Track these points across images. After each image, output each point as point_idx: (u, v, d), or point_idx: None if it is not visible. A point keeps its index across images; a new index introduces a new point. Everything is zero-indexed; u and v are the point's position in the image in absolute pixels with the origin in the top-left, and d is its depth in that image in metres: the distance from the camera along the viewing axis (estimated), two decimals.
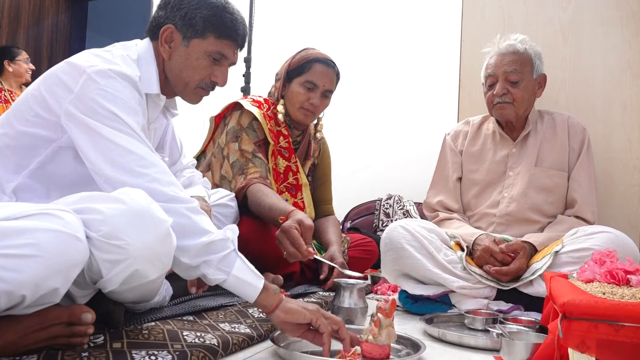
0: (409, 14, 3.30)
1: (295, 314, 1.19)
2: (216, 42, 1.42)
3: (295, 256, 1.59)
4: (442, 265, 1.85)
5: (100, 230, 1.01)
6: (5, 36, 4.53)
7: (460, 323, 1.66)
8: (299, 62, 2.10)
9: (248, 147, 2.02)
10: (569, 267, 1.69)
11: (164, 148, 1.69)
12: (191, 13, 1.40)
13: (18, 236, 0.92)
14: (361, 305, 1.58)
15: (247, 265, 1.21)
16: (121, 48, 1.39)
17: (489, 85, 2.04)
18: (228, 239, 1.20)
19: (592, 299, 1.16)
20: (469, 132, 2.18)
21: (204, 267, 1.17)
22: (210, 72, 1.45)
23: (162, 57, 1.44)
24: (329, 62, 2.10)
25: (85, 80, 1.22)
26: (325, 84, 2.08)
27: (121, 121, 1.21)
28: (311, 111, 2.10)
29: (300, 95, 2.07)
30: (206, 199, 1.71)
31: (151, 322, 1.28)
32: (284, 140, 2.14)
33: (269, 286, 1.21)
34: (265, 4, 3.52)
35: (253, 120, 2.06)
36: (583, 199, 1.98)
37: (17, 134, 1.27)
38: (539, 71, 2.02)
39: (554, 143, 2.05)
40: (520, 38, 2.02)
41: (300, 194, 2.17)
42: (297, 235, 1.59)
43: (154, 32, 1.44)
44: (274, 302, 1.20)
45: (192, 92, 1.47)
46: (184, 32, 1.41)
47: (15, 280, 0.90)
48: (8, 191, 1.26)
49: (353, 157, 3.35)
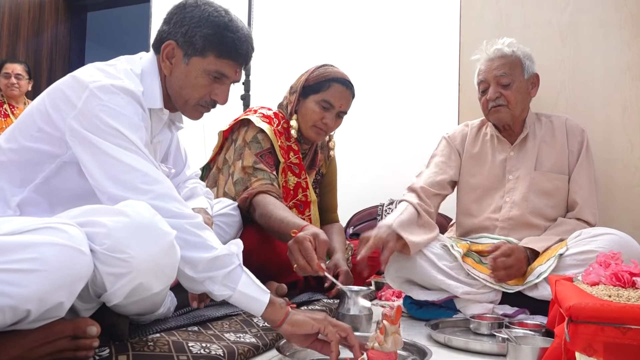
0: (407, 18, 3.31)
1: (303, 325, 1.19)
2: (216, 61, 1.40)
3: (305, 270, 1.55)
4: (445, 272, 1.85)
5: (104, 244, 1.00)
6: (5, 49, 4.54)
7: (465, 328, 1.66)
8: (317, 79, 2.06)
9: (249, 160, 1.99)
10: (573, 269, 1.68)
11: (168, 159, 1.69)
12: (192, 31, 1.39)
13: (22, 251, 0.92)
14: (366, 312, 1.57)
15: (253, 280, 1.21)
16: (125, 62, 1.39)
17: (482, 91, 2.05)
18: (233, 254, 1.20)
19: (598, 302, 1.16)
20: (468, 134, 2.17)
21: (209, 283, 1.17)
22: (210, 91, 1.44)
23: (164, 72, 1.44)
24: (348, 83, 2.07)
25: (88, 95, 1.22)
26: (342, 105, 2.06)
27: (124, 138, 1.21)
28: (323, 130, 2.08)
29: (315, 113, 2.05)
30: (208, 211, 1.71)
31: (156, 334, 1.27)
32: (294, 155, 2.12)
33: (275, 300, 1.21)
34: (264, 10, 3.53)
35: (258, 133, 2.03)
36: (583, 200, 1.98)
37: (22, 149, 1.27)
38: (530, 71, 2.02)
39: (552, 146, 2.05)
40: (507, 41, 2.03)
41: (308, 210, 2.15)
42: (310, 248, 1.55)
43: (158, 46, 1.44)
44: (281, 315, 1.20)
45: (192, 110, 1.47)
46: (184, 49, 1.40)
47: (20, 295, 0.90)
48: (13, 205, 1.26)
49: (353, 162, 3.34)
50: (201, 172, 2.20)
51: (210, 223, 1.67)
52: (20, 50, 4.64)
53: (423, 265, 1.85)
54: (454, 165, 2.13)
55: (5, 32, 4.54)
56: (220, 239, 1.79)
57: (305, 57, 2.22)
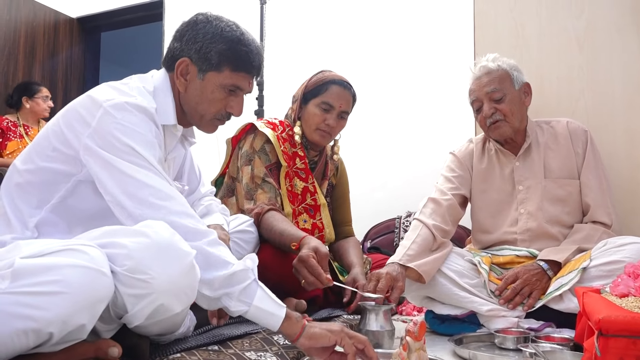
0: (421, 29, 3.31)
1: (320, 338, 1.18)
2: (232, 75, 1.42)
3: (315, 285, 1.62)
4: (468, 289, 1.82)
5: (125, 265, 1.00)
6: (22, 70, 4.61)
7: (490, 343, 1.63)
8: (316, 84, 2.11)
9: (260, 171, 2.03)
10: (599, 281, 1.64)
11: (183, 177, 1.69)
12: (206, 47, 1.40)
13: (44, 273, 0.92)
14: (388, 327, 1.55)
15: (268, 295, 1.20)
16: (138, 80, 1.40)
17: (477, 110, 2.03)
18: (248, 269, 1.20)
19: (630, 315, 1.12)
20: (474, 151, 2.14)
21: (226, 299, 1.17)
22: (226, 104, 1.45)
23: (177, 89, 1.45)
24: (345, 84, 2.11)
25: (103, 114, 1.23)
26: (342, 105, 2.08)
27: (138, 155, 1.22)
28: (327, 132, 2.10)
29: (316, 116, 2.08)
30: (225, 227, 1.70)
31: (177, 354, 1.26)
32: (301, 161, 2.14)
33: (291, 314, 1.20)
34: (275, 26, 3.55)
35: (265, 143, 2.07)
36: (595, 202, 1.93)
37: (38, 170, 1.28)
38: (519, 81, 2.00)
39: (558, 151, 2.01)
40: (491, 57, 2.01)
41: (318, 214, 2.16)
42: (316, 264, 1.62)
43: (170, 63, 1.45)
44: (297, 329, 1.19)
45: (208, 124, 1.48)
46: (199, 66, 1.41)
47: (42, 318, 0.90)
48: (31, 226, 1.26)
49: (370, 175, 3.33)
50: (214, 186, 2.21)
51: (227, 240, 1.67)
52: (36, 71, 4.71)
53: (444, 284, 1.82)
54: (466, 182, 2.10)
55: (22, 54, 4.62)
56: (238, 255, 1.79)
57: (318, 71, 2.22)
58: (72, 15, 4.98)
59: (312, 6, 3.66)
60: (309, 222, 2.12)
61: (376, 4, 3.47)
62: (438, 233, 1.91)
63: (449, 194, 2.03)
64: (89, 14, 4.92)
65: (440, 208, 1.99)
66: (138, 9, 4.66)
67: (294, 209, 2.08)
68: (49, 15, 4.82)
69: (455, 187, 2.07)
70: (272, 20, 3.45)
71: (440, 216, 1.97)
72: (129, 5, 4.66)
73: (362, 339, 1.20)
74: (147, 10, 4.58)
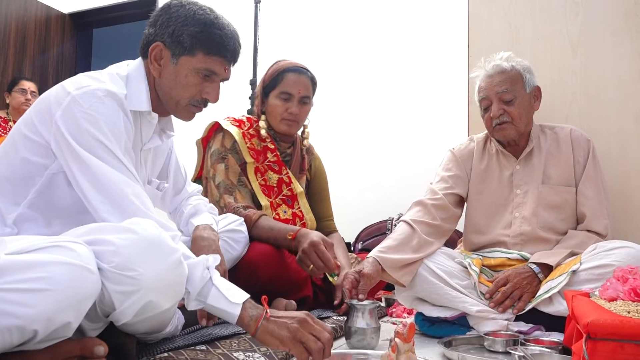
0: (416, 31, 3.31)
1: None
2: (205, 59, 1.40)
3: (323, 270, 1.79)
4: (458, 289, 1.81)
5: (113, 262, 0.99)
6: (12, 66, 4.56)
7: (479, 345, 1.62)
8: (272, 76, 2.14)
9: (235, 169, 2.06)
10: (589, 284, 1.64)
11: (168, 176, 1.69)
12: (179, 30, 1.38)
13: (30, 270, 0.91)
14: (373, 325, 1.56)
15: (223, 294, 1.16)
16: (113, 67, 1.41)
17: (484, 109, 2.01)
18: (205, 268, 1.18)
19: (617, 319, 1.13)
20: (474, 150, 2.13)
21: (186, 297, 1.17)
22: (201, 89, 1.43)
23: (152, 75, 1.43)
24: (301, 69, 2.13)
25: (69, 102, 1.24)
26: (300, 90, 2.10)
27: (104, 147, 1.24)
28: (293, 120, 2.12)
29: (278, 107, 2.10)
30: (214, 227, 1.69)
31: (164, 353, 1.25)
32: (272, 154, 2.15)
33: (244, 314, 1.15)
34: (269, 25, 3.54)
35: (235, 142, 2.08)
36: (592, 212, 1.93)
37: (12, 163, 1.28)
38: (531, 84, 1.99)
39: (559, 158, 2.01)
40: (505, 56, 1.99)
41: (297, 203, 2.17)
42: (325, 250, 1.77)
43: (145, 50, 1.44)
44: (252, 330, 1.15)
45: (184, 110, 1.46)
46: (172, 50, 1.40)
47: (27, 315, 0.89)
48: (9, 222, 1.27)
49: (361, 177, 3.33)
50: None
51: (217, 239, 1.66)
52: (26, 67, 4.66)
53: (435, 283, 1.82)
54: (462, 182, 2.08)
55: (12, 49, 4.56)
56: (228, 255, 1.80)
57: (313, 71, 2.22)
58: (64, 11, 4.93)
59: (306, 6, 3.66)
60: (289, 212, 2.13)
61: (371, 5, 3.47)
62: (419, 226, 1.90)
63: (440, 194, 2.02)
64: (82, 9, 4.87)
65: (425, 207, 1.99)
66: (131, 6, 4.63)
67: (272, 201, 2.09)
68: (41, 11, 4.77)
69: (449, 186, 2.06)
70: (266, 20, 3.44)
71: (425, 213, 1.97)
72: (121, 2, 4.63)
73: (323, 336, 1.13)
74: (140, 7, 4.55)
